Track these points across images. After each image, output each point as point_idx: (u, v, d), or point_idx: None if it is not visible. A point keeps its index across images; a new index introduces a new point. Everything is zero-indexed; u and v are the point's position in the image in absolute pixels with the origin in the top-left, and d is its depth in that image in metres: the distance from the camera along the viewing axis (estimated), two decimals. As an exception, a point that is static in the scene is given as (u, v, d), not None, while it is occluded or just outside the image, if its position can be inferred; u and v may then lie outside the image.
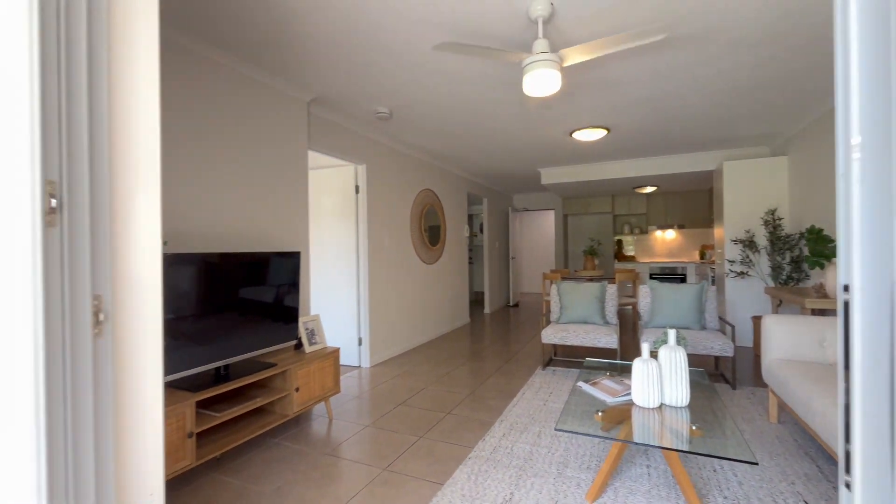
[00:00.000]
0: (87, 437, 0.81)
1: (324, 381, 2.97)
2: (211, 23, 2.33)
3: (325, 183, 4.51)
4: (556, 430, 2.00)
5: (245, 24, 2.35)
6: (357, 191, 4.39)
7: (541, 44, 2.20)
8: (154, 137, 0.99)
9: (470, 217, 9.67)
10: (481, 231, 8.48)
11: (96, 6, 0.83)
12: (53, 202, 0.75)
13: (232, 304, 2.50)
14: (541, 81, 2.22)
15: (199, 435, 2.32)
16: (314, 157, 4.28)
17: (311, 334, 3.11)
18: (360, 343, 4.39)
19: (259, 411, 2.73)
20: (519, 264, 9.13)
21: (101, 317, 0.85)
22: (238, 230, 2.82)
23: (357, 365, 4.41)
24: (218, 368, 2.45)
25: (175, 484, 2.19)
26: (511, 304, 8.63)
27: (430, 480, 2.20)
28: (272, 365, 2.66)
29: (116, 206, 0.90)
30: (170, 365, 2.13)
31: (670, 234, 8.45)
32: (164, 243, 2.28)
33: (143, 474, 0.98)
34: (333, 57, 2.75)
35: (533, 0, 2.15)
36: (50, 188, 0.75)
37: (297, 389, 2.73)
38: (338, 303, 4.46)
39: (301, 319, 3.06)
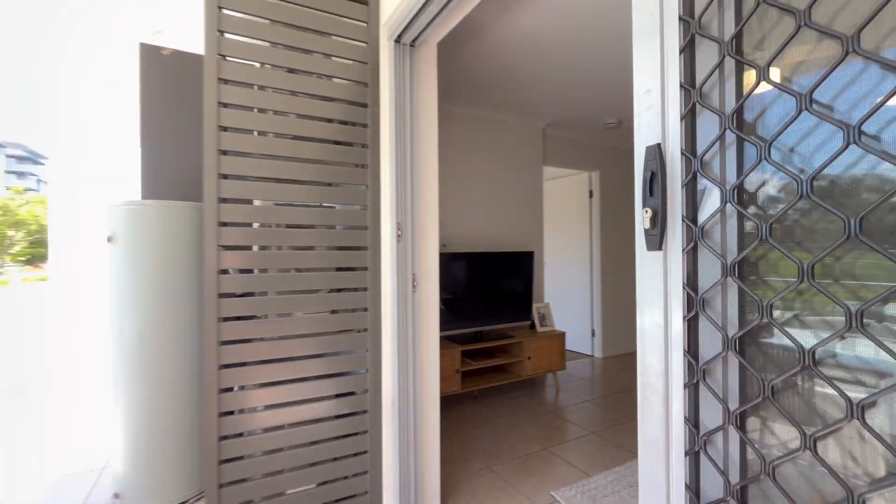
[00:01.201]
0: (408, 341, 1.78)
1: (551, 357, 3.64)
2: (462, 91, 3.37)
3: (561, 191, 5.15)
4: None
5: (489, 85, 3.28)
6: (591, 195, 4.83)
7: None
8: (434, 192, 1.91)
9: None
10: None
11: (416, 147, 1.78)
12: (399, 232, 1.74)
13: (484, 289, 3.51)
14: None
15: (463, 374, 3.41)
16: (549, 170, 4.98)
17: (542, 318, 3.83)
18: (592, 334, 4.83)
19: (502, 370, 3.66)
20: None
21: (414, 283, 1.81)
22: (488, 234, 3.83)
23: (590, 354, 4.86)
24: (475, 332, 3.51)
25: (447, 401, 3.34)
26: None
27: (629, 450, 2.55)
28: (511, 336, 3.54)
29: (419, 231, 1.86)
30: (447, 325, 3.29)
31: None
32: (443, 245, 3.49)
33: (428, 375, 1.92)
34: (563, 91, 3.37)
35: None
36: (398, 226, 1.73)
37: (529, 358, 3.51)
38: (571, 296, 5.03)
39: (534, 305, 3.83)
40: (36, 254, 20.93)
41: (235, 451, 1.56)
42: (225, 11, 1.53)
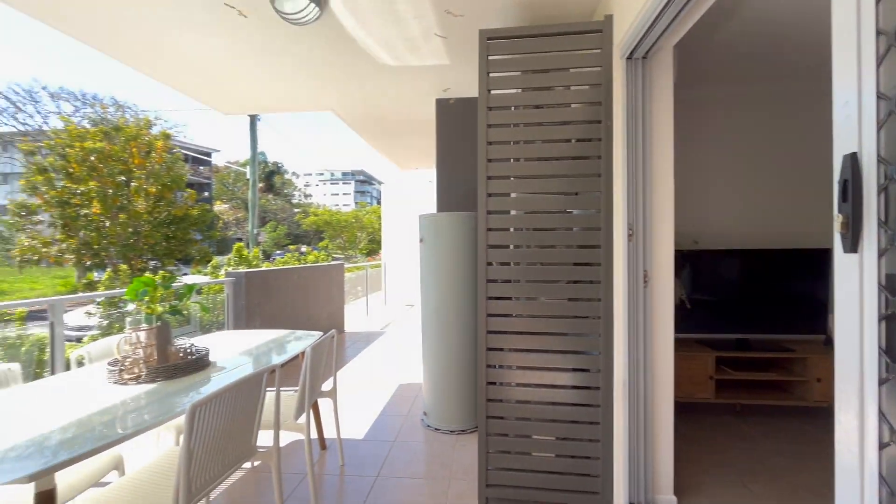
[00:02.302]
0: (639, 331, 1.93)
1: (858, 384, 2.84)
2: (719, 71, 3.01)
3: None
4: None
5: (761, 55, 2.85)
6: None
7: None
8: (669, 192, 1.96)
9: None
10: None
11: (649, 151, 1.91)
12: (630, 231, 1.91)
13: (752, 291, 3.08)
14: None
15: (719, 383, 3.10)
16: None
17: (846, 333, 3.01)
18: (953, 367, 3.37)
19: (776, 388, 3.10)
20: None
21: (646, 279, 1.94)
22: (759, 228, 3.29)
23: (948, 394, 3.41)
24: (738, 339, 3.12)
25: (697, 407, 3.11)
26: None
27: None
28: (790, 350, 2.97)
29: (652, 230, 1.96)
30: (700, 327, 3.09)
31: None
32: (694, 242, 3.24)
33: (661, 368, 1.99)
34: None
35: None
36: (629, 226, 1.91)
37: (818, 380, 2.86)
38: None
39: (831, 315, 3.05)
40: (372, 249, 29.96)
41: (496, 395, 2.13)
42: (491, 75, 2.09)
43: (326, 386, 2.53)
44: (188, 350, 1.95)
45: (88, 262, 11.59)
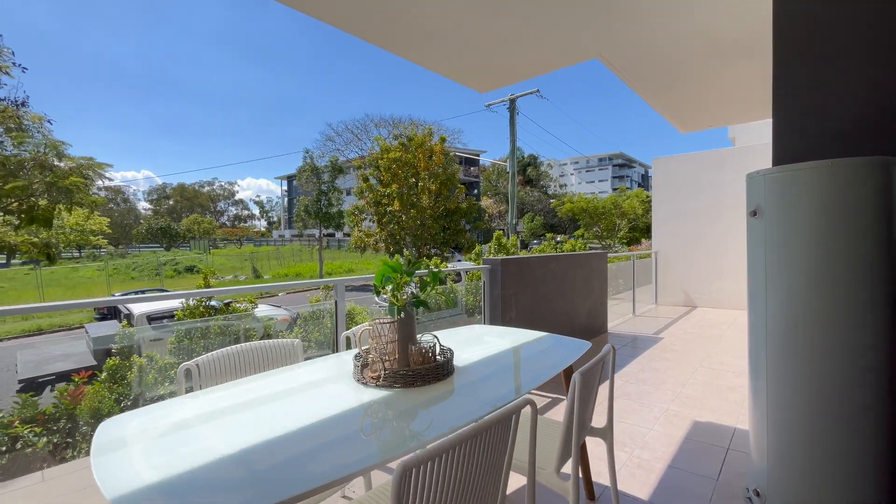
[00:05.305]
0: None
1: None
2: None
3: None
4: None
5: None
6: None
7: None
8: None
9: None
10: None
11: None
12: None
13: None
14: None
15: None
16: None
17: None
18: None
19: None
20: None
21: None
22: None
23: None
24: None
25: None
26: None
27: None
28: None
29: None
30: None
31: None
32: None
33: None
34: None
35: None
36: None
37: None
38: None
39: None
40: (633, 237, 26.89)
41: None
42: None
43: (598, 420, 1.81)
44: (430, 351, 1.60)
45: (392, 249, 14.70)
